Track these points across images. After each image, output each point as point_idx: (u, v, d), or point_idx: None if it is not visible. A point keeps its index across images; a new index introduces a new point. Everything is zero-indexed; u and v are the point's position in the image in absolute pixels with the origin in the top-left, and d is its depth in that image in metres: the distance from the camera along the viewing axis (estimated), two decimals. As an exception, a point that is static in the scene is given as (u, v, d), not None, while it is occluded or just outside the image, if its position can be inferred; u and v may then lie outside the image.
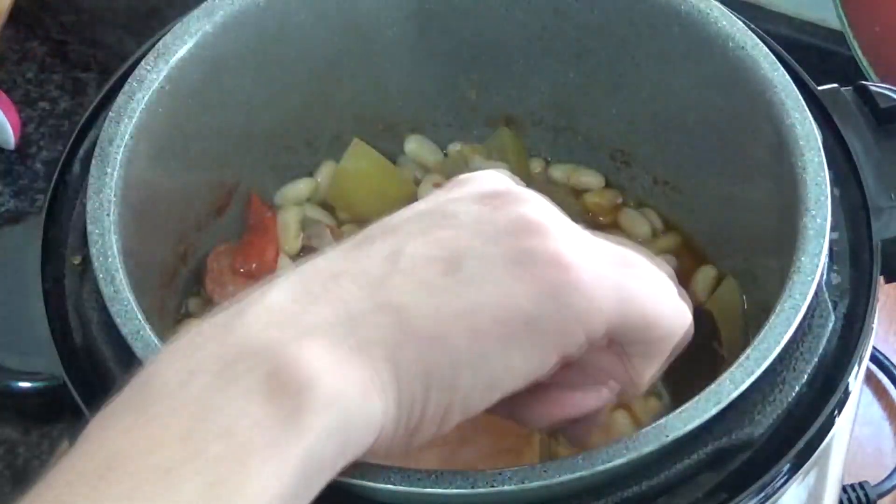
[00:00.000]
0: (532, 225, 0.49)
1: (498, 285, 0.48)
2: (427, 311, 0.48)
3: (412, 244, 0.49)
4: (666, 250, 0.74)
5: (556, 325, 0.49)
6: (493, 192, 0.51)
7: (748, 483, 0.57)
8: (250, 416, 0.44)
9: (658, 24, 0.69)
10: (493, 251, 0.49)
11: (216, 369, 0.45)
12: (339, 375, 0.46)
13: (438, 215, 0.50)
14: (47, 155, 0.99)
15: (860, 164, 0.66)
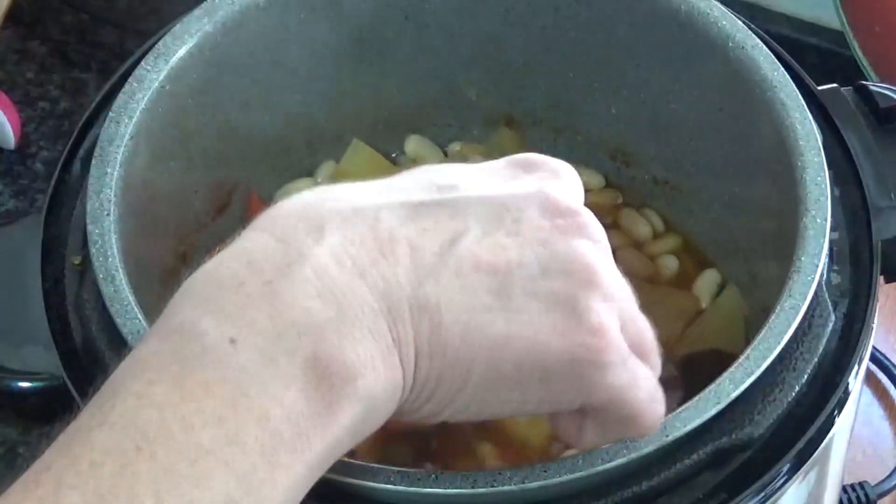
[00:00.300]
0: (589, 271, 0.48)
1: (534, 328, 0.47)
2: (461, 329, 0.47)
3: (472, 239, 0.47)
4: (666, 251, 0.74)
5: (565, 389, 0.49)
6: (565, 208, 0.49)
7: (748, 483, 0.57)
8: (286, 404, 0.43)
9: (658, 24, 0.69)
10: (544, 286, 0.47)
11: (260, 343, 0.43)
12: (375, 374, 0.45)
13: (505, 212, 0.48)
14: (47, 155, 0.99)
15: (860, 164, 0.66)
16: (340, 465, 0.53)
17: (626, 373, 0.49)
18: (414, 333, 0.46)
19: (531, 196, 0.49)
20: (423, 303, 0.46)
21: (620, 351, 0.49)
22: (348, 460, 0.54)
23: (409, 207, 0.48)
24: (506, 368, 0.47)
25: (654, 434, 0.54)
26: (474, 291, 0.47)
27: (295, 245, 0.46)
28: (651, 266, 0.73)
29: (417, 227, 0.47)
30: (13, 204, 0.97)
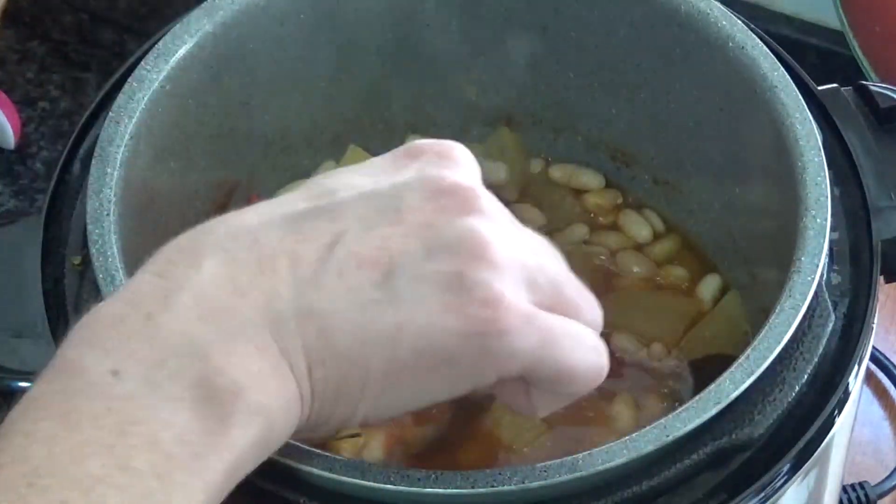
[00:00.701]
0: (476, 245, 0.48)
1: (424, 312, 0.47)
2: (350, 328, 0.47)
3: (353, 238, 0.47)
4: (666, 251, 0.74)
5: (471, 365, 0.48)
6: (447, 187, 0.49)
7: (748, 483, 0.57)
8: (176, 426, 0.43)
9: (658, 24, 0.69)
10: (430, 269, 0.47)
11: (142, 371, 0.44)
12: (265, 387, 0.45)
13: (387, 205, 0.48)
14: (47, 155, 0.99)
15: (860, 164, 0.66)
16: (341, 464, 0.53)
17: (536, 333, 0.48)
18: (302, 342, 0.46)
19: (411, 183, 0.49)
20: (305, 311, 0.46)
21: (519, 315, 0.48)
22: (349, 460, 0.54)
23: (289, 220, 0.48)
24: (405, 357, 0.47)
25: (654, 434, 0.54)
26: (359, 289, 0.47)
27: (174, 278, 0.46)
28: (652, 267, 0.73)
29: (297, 238, 0.47)
30: (13, 204, 0.97)
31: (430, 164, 0.50)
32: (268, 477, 0.55)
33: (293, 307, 0.46)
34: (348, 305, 0.47)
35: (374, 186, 0.49)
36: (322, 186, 0.49)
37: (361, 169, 0.51)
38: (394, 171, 0.50)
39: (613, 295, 0.72)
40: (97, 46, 1.05)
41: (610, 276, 0.73)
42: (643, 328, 0.70)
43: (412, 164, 0.50)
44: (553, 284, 0.50)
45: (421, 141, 0.51)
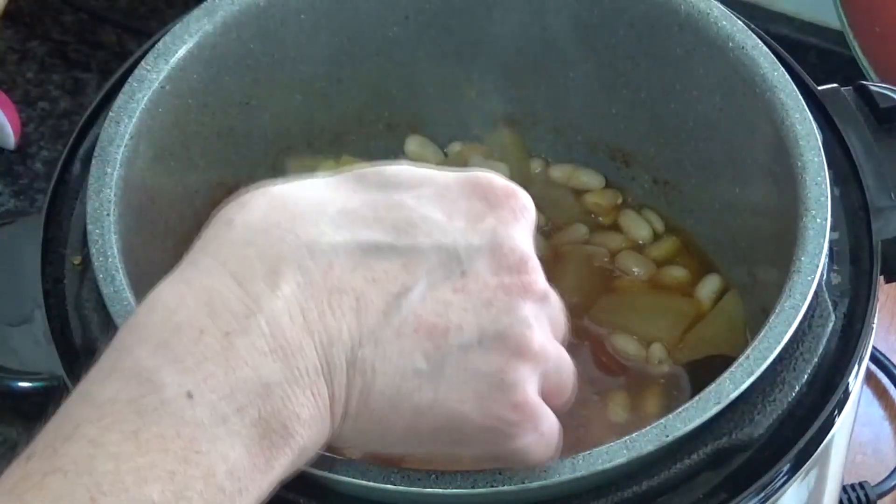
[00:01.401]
0: (524, 346, 0.50)
1: (458, 396, 0.49)
2: (390, 394, 0.48)
3: (418, 296, 0.48)
4: (666, 251, 0.74)
5: (475, 448, 0.51)
6: (515, 262, 0.50)
7: (748, 483, 0.57)
8: (230, 460, 0.45)
9: (658, 24, 0.69)
10: (477, 357, 0.49)
11: (214, 400, 0.45)
12: (310, 432, 0.47)
13: (457, 265, 0.49)
14: (47, 155, 0.99)
15: (860, 164, 0.66)
16: (341, 464, 0.53)
17: (535, 436, 0.51)
18: (346, 393, 0.48)
19: (484, 248, 0.50)
20: (360, 365, 0.48)
21: (535, 420, 0.51)
22: (349, 460, 0.54)
23: (364, 251, 0.48)
24: (424, 430, 0.50)
25: (654, 434, 0.54)
26: (410, 356, 0.48)
27: (252, 291, 0.47)
28: (652, 268, 0.73)
29: (367, 276, 0.48)
30: (13, 204, 0.97)
31: (503, 226, 0.50)
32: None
33: (349, 356, 0.48)
34: (396, 369, 0.48)
35: (449, 239, 0.49)
36: (399, 211, 0.49)
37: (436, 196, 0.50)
38: (471, 219, 0.50)
39: (613, 295, 0.72)
40: (97, 46, 1.05)
41: (610, 277, 0.73)
42: (643, 328, 0.70)
43: (488, 217, 0.50)
44: (559, 374, 0.53)
45: (497, 183, 0.52)
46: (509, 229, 0.50)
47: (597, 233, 0.74)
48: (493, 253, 0.50)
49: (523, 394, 0.50)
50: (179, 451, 0.44)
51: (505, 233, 0.50)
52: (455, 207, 0.50)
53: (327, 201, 0.49)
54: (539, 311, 0.51)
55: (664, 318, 0.70)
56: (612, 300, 0.71)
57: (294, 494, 0.55)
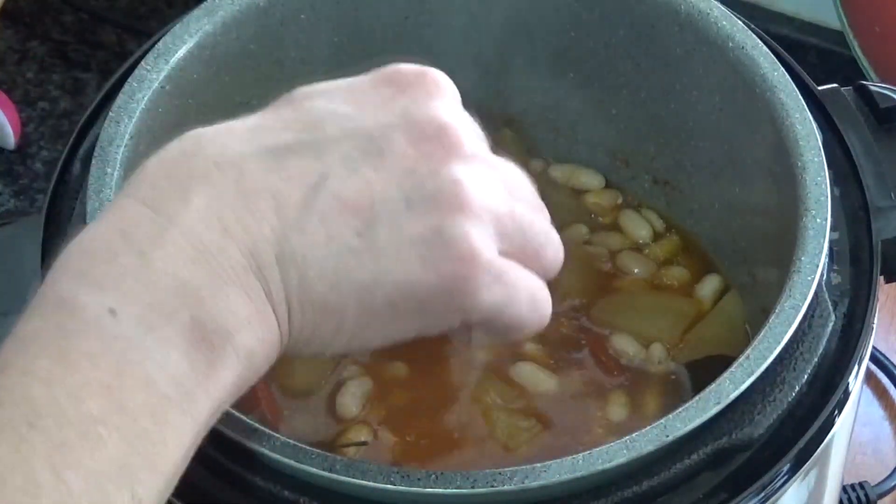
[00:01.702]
0: (456, 198, 0.49)
1: (402, 264, 0.48)
2: (329, 275, 0.48)
3: (337, 181, 0.48)
4: (666, 251, 0.74)
5: (441, 314, 0.50)
6: (432, 131, 0.49)
7: (748, 483, 0.57)
8: (169, 367, 0.44)
9: (658, 24, 0.69)
10: (408, 220, 0.48)
11: (138, 312, 0.45)
12: (251, 330, 0.47)
13: (372, 146, 0.49)
14: (47, 155, 0.99)
15: (860, 164, 0.66)
16: (341, 464, 0.53)
17: (502, 288, 0.50)
18: (284, 288, 0.47)
19: (396, 124, 0.49)
20: (289, 256, 0.47)
21: (492, 270, 0.49)
22: (349, 460, 0.54)
23: (274, 153, 0.48)
24: (379, 308, 0.49)
25: (654, 434, 0.54)
26: (340, 236, 0.48)
27: (164, 211, 0.46)
28: (652, 267, 0.73)
29: (282, 176, 0.48)
30: (13, 204, 0.97)
31: (415, 103, 0.50)
32: (269, 477, 0.55)
33: (277, 252, 0.47)
34: (329, 253, 0.48)
35: (360, 122, 0.49)
36: (307, 114, 0.49)
37: (346, 92, 0.50)
38: (380, 104, 0.50)
39: (613, 295, 0.72)
40: (97, 46, 1.05)
41: (610, 277, 0.73)
42: (643, 328, 0.70)
43: (398, 99, 0.50)
44: (521, 231, 0.51)
45: (404, 68, 0.51)
46: (422, 105, 0.50)
47: (597, 233, 0.74)
48: (408, 128, 0.49)
49: (468, 245, 0.49)
50: (112, 365, 0.44)
51: (419, 109, 0.50)
52: (364, 99, 0.50)
53: (236, 124, 0.49)
54: (474, 168, 0.50)
55: (664, 318, 0.70)
56: (612, 300, 0.72)
57: (294, 494, 0.55)
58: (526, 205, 0.52)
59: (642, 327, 0.70)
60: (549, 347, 0.69)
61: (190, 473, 0.56)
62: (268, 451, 0.54)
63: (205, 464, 0.56)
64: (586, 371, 0.69)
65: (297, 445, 0.54)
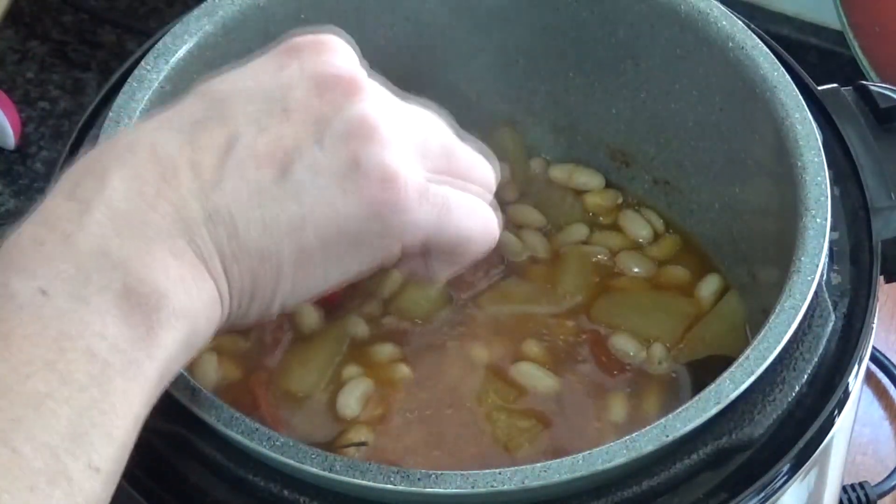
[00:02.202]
0: (366, 128, 0.50)
1: (326, 199, 0.50)
2: (256, 223, 0.49)
3: (247, 137, 0.50)
4: (666, 251, 0.74)
5: (377, 242, 0.51)
6: (330, 79, 0.51)
7: (748, 483, 0.57)
8: (108, 336, 0.45)
9: (658, 24, 0.69)
10: (324, 159, 0.50)
11: (69, 289, 0.46)
12: (186, 290, 0.48)
13: (275, 104, 0.50)
14: (47, 155, 0.99)
15: (860, 164, 0.66)
16: (341, 464, 0.53)
17: (432, 205, 0.51)
18: (214, 244, 0.49)
19: (294, 80, 0.51)
20: (213, 215, 0.49)
21: (416, 189, 0.51)
22: (349, 460, 0.54)
23: (184, 129, 0.50)
24: (312, 246, 0.50)
25: (654, 434, 0.54)
26: (260, 187, 0.49)
27: (83, 198, 0.48)
28: (652, 267, 0.73)
29: (194, 146, 0.49)
30: (13, 204, 0.97)
31: (309, 60, 0.52)
32: (269, 477, 0.55)
33: (201, 212, 0.48)
34: (252, 204, 0.49)
35: (261, 89, 0.51)
36: (212, 94, 0.51)
37: (247, 71, 0.52)
38: (277, 70, 0.52)
39: (613, 295, 0.72)
40: (97, 46, 1.05)
41: (610, 277, 0.73)
42: (643, 328, 0.70)
43: (293, 62, 0.52)
44: (444, 150, 0.53)
45: (299, 38, 0.53)
46: (318, 62, 0.52)
47: (597, 233, 0.75)
48: (307, 83, 0.51)
49: (386, 168, 0.50)
50: (51, 342, 0.45)
51: (314, 66, 0.51)
52: (262, 70, 0.52)
53: (148, 120, 0.51)
54: (380, 104, 0.51)
55: (664, 318, 0.70)
56: (612, 300, 0.72)
57: (294, 494, 0.55)
58: (443, 130, 0.54)
59: (642, 327, 0.70)
60: (549, 347, 0.70)
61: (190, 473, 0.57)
62: (268, 451, 0.54)
63: (205, 464, 0.56)
64: (586, 371, 0.69)
65: (297, 445, 0.54)
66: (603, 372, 0.69)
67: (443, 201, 0.52)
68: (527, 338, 0.70)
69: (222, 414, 0.54)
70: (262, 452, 0.54)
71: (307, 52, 0.52)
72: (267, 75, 0.52)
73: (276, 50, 0.53)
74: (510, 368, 0.69)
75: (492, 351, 0.69)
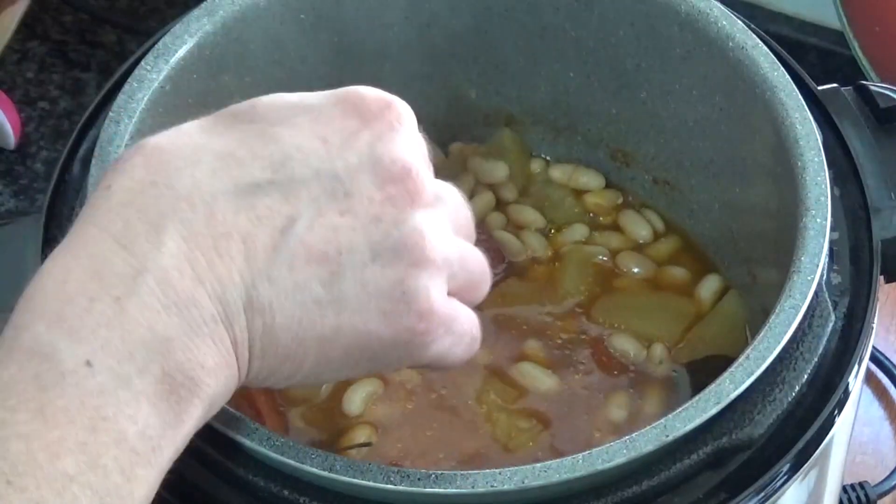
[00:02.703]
0: (418, 251, 0.50)
1: (363, 318, 0.50)
2: (293, 328, 0.49)
3: (304, 226, 0.49)
4: (666, 251, 0.74)
5: (394, 361, 0.52)
6: (398, 173, 0.50)
7: (748, 483, 0.57)
8: (139, 421, 0.45)
9: (658, 24, 0.69)
10: (372, 275, 0.49)
11: (113, 364, 0.45)
12: (216, 378, 0.47)
13: (339, 183, 0.49)
14: (47, 155, 0.99)
15: (860, 164, 0.66)
16: (341, 464, 0.53)
17: (451, 338, 0.52)
18: (248, 335, 0.48)
19: (362, 160, 0.50)
20: (256, 305, 0.48)
21: (444, 322, 0.51)
22: (349, 460, 0.54)
23: (244, 192, 0.48)
24: (335, 356, 0.50)
25: (654, 434, 0.54)
26: (306, 286, 0.49)
27: (136, 252, 0.47)
28: (652, 267, 0.73)
29: (251, 216, 0.48)
30: (13, 204, 0.97)
31: (380, 140, 0.50)
32: (269, 477, 0.55)
33: (245, 299, 0.48)
34: (294, 303, 0.49)
35: (328, 164, 0.49)
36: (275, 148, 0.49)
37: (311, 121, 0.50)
38: (346, 139, 0.50)
39: (613, 295, 0.72)
40: (97, 46, 1.05)
41: (610, 277, 0.73)
42: (643, 328, 0.70)
43: (363, 134, 0.50)
44: (466, 272, 0.53)
45: (368, 97, 0.51)
46: (387, 142, 0.50)
47: (597, 233, 0.75)
48: (373, 168, 0.50)
49: (427, 301, 0.50)
50: (87, 421, 0.44)
51: (383, 147, 0.50)
52: (329, 130, 0.50)
53: (202, 147, 0.49)
54: (433, 215, 0.51)
55: (664, 318, 0.70)
56: (612, 300, 0.72)
57: (294, 494, 0.55)
58: (468, 239, 0.54)
59: (642, 327, 0.70)
60: (549, 347, 0.70)
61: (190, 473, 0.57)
62: (268, 451, 0.54)
63: (205, 463, 0.56)
64: (586, 371, 0.69)
65: (297, 445, 0.54)
66: (603, 372, 0.69)
67: (458, 334, 0.52)
68: (527, 338, 0.70)
69: (222, 414, 0.54)
70: (262, 452, 0.54)
71: (377, 123, 0.51)
72: (336, 138, 0.50)
73: (346, 104, 0.51)
74: (510, 368, 0.69)
75: (492, 351, 0.69)
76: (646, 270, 0.73)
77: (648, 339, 0.70)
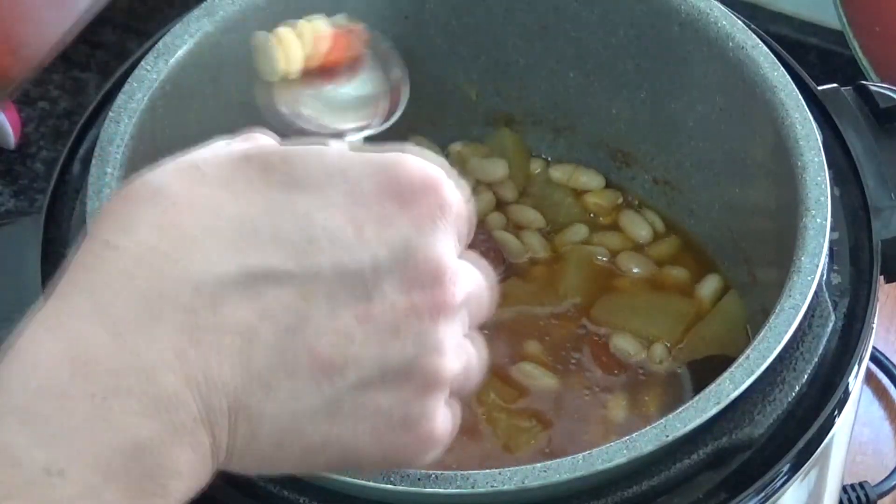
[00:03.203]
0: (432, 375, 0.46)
1: (354, 435, 0.46)
2: (278, 436, 0.45)
3: (315, 321, 0.44)
4: (666, 251, 0.74)
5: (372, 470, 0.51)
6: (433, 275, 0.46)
7: (748, 483, 0.57)
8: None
9: (658, 24, 0.69)
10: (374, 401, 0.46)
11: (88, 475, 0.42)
12: (191, 478, 0.44)
13: (360, 281, 0.45)
14: (47, 155, 0.99)
15: (860, 164, 0.66)
16: (340, 465, 0.53)
17: (435, 452, 0.49)
18: (228, 440, 0.45)
19: (393, 261, 0.45)
20: (244, 411, 0.44)
21: (441, 442, 0.48)
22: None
23: (257, 279, 0.44)
24: (317, 463, 0.48)
25: (654, 434, 0.54)
26: (304, 396, 0.45)
27: (127, 345, 0.43)
28: (652, 267, 0.73)
29: (258, 309, 0.44)
30: (13, 204, 0.97)
31: (418, 231, 0.46)
32: (269, 477, 0.55)
33: (232, 401, 0.44)
34: (286, 413, 0.45)
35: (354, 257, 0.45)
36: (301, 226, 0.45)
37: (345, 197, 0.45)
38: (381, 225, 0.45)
39: (613, 295, 0.72)
40: (97, 46, 1.05)
41: (610, 277, 0.73)
42: (643, 328, 0.70)
43: (400, 221, 0.45)
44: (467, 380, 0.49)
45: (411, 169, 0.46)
46: (425, 235, 0.45)
47: (597, 233, 0.75)
48: (404, 267, 0.45)
49: (429, 425, 0.47)
50: None
51: (419, 240, 0.45)
52: (364, 212, 0.45)
53: (221, 208, 0.45)
54: (455, 323, 0.47)
55: (664, 318, 0.70)
56: (612, 300, 0.72)
57: (294, 494, 0.55)
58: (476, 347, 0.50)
59: (642, 327, 0.70)
60: (549, 347, 0.70)
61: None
62: (268, 451, 0.54)
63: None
64: (586, 371, 0.69)
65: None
66: (603, 372, 0.69)
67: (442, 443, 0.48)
68: (527, 338, 0.70)
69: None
70: (262, 452, 0.54)
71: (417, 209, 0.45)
72: (370, 224, 0.45)
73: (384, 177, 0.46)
74: (510, 368, 0.69)
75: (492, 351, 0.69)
76: (646, 270, 0.73)
77: (648, 339, 0.70)
